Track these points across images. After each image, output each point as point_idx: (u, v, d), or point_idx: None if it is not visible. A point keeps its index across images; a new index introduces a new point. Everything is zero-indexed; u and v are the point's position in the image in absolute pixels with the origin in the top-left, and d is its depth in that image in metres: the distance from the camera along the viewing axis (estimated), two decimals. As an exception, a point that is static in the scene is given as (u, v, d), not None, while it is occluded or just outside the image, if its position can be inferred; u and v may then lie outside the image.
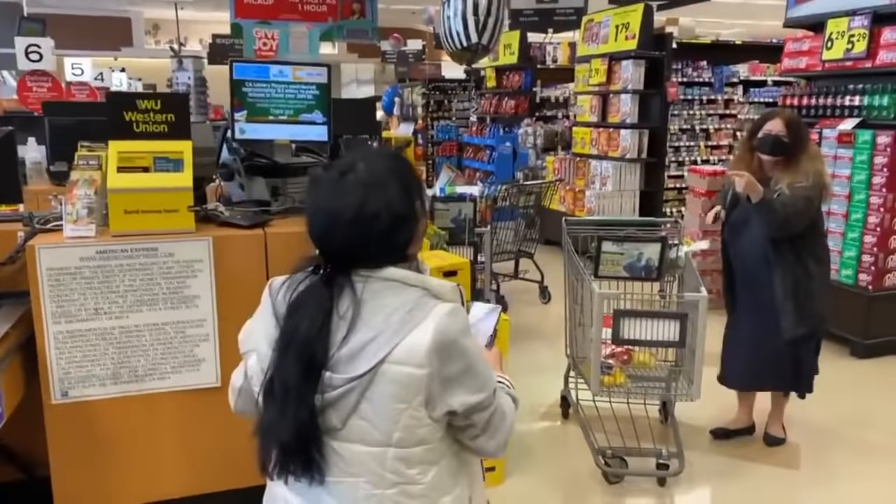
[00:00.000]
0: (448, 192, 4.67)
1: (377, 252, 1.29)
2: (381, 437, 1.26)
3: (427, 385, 1.25)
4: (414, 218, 1.34)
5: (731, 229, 3.27)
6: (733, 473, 3.20)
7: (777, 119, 3.08)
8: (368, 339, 1.25)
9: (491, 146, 9.90)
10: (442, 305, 1.29)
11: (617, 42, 7.21)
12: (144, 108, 2.53)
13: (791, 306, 3.06)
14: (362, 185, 1.29)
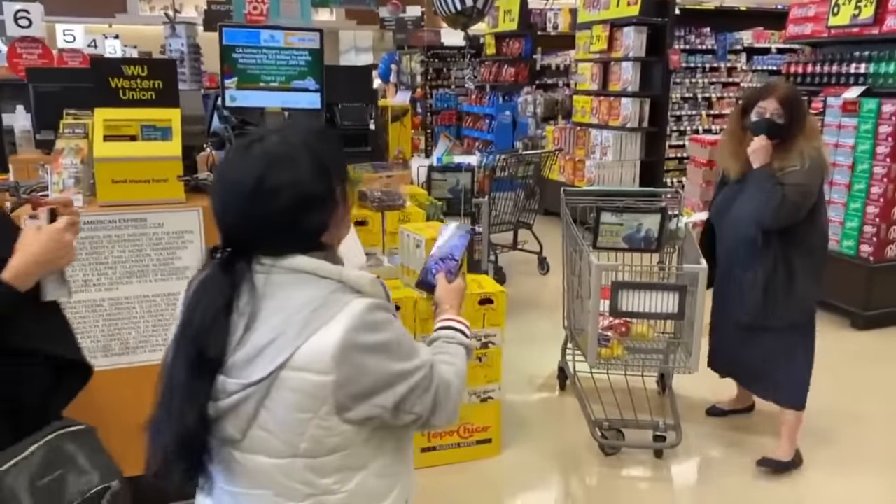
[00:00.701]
0: (445, 162, 4.60)
1: (280, 236, 1.15)
2: (285, 448, 1.14)
3: (334, 393, 1.11)
4: (330, 202, 1.18)
5: (717, 210, 3.06)
6: (731, 445, 3.19)
7: (772, 98, 2.79)
8: (267, 342, 1.11)
9: (490, 115, 9.78)
10: (357, 301, 1.14)
11: (619, 8, 7.06)
12: (131, 75, 2.46)
13: (759, 297, 2.84)
14: (267, 156, 1.15)
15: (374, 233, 3.13)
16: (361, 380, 1.13)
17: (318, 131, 1.28)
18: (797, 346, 2.94)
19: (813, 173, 2.76)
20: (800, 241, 2.83)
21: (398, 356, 1.17)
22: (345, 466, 1.18)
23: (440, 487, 2.88)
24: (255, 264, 1.15)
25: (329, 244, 1.22)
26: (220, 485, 1.21)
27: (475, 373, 2.97)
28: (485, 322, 2.94)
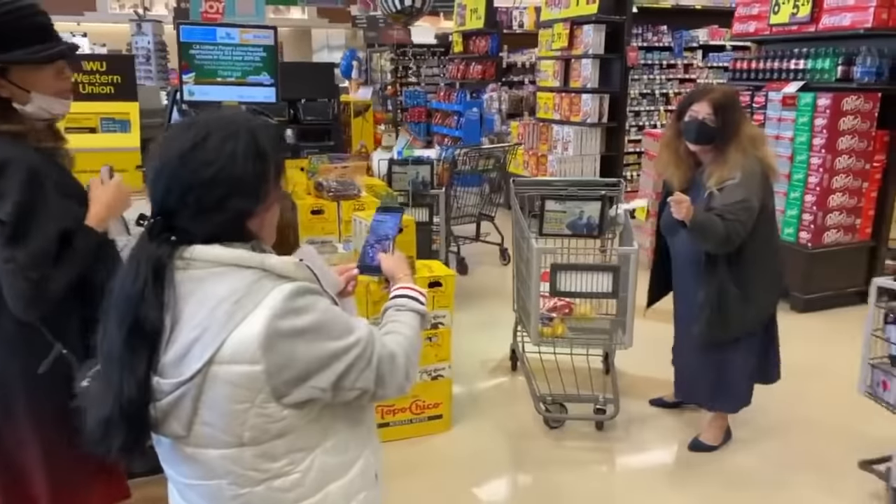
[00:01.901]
0: (405, 155, 4.76)
1: (204, 211, 1.13)
2: (230, 439, 1.15)
3: (267, 381, 1.12)
4: (261, 190, 1.18)
5: (665, 225, 2.98)
6: (674, 417, 3.39)
7: (704, 101, 2.72)
8: (193, 338, 1.11)
9: (458, 112, 9.95)
10: (281, 287, 1.14)
11: (578, 6, 7.26)
12: (90, 70, 2.59)
13: (707, 313, 2.81)
14: (209, 125, 1.16)
15: (330, 221, 3.28)
16: (293, 365, 1.13)
17: (266, 123, 1.27)
18: (751, 353, 2.95)
19: (751, 184, 2.68)
20: (749, 256, 2.78)
21: (329, 336, 1.17)
22: (294, 449, 1.19)
23: (392, 461, 3.02)
24: (176, 259, 1.14)
25: (255, 235, 1.21)
26: (180, 479, 1.24)
27: (426, 352, 3.13)
28: (434, 304, 3.11)
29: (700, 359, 2.99)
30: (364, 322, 1.27)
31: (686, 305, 3.02)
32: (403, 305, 1.42)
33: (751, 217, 2.69)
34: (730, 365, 2.95)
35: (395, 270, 1.52)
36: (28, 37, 1.59)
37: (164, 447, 1.21)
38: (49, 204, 1.62)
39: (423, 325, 1.44)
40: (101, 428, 1.13)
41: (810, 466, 3.03)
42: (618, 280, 2.98)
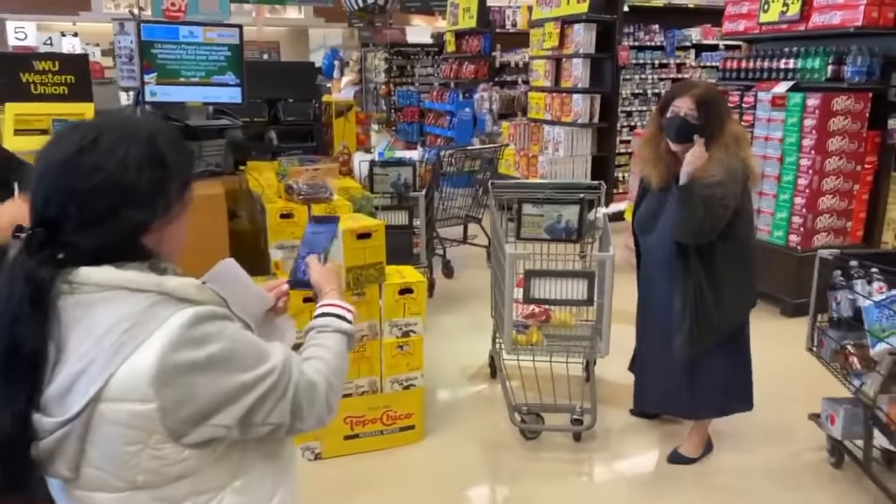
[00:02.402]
0: (387, 157, 4.67)
1: (91, 223, 1.02)
2: (122, 483, 1.03)
3: (161, 420, 1.00)
4: (159, 202, 1.07)
5: (640, 224, 2.93)
6: (654, 427, 3.29)
7: (686, 96, 2.63)
8: (78, 372, 0.99)
9: (451, 112, 9.86)
10: (178, 315, 1.02)
11: (569, 5, 7.17)
12: (42, 70, 2.50)
13: (687, 324, 2.71)
14: (99, 127, 1.06)
15: (301, 225, 3.17)
16: (192, 402, 1.02)
17: (171, 128, 1.18)
18: (730, 357, 2.87)
19: (731, 182, 2.60)
20: (724, 257, 2.70)
21: (236, 367, 1.06)
22: (197, 491, 1.08)
23: (363, 474, 2.95)
24: (61, 283, 1.02)
25: (152, 253, 1.10)
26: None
27: (397, 361, 3.04)
28: (405, 311, 3.02)
29: (674, 366, 2.87)
30: (280, 347, 1.16)
31: (657, 310, 2.91)
32: (327, 326, 1.30)
33: (725, 214, 2.61)
34: (706, 370, 2.86)
35: (323, 283, 1.40)
36: None
37: (55, 487, 1.10)
38: None
39: (350, 347, 1.33)
40: None
41: (795, 480, 2.93)
42: (593, 287, 2.89)
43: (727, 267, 2.73)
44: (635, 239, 3.06)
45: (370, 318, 2.95)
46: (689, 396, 2.91)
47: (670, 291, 2.78)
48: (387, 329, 2.99)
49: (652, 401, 3.16)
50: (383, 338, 2.99)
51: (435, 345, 4.24)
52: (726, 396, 2.93)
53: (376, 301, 2.95)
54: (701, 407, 2.96)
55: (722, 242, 2.69)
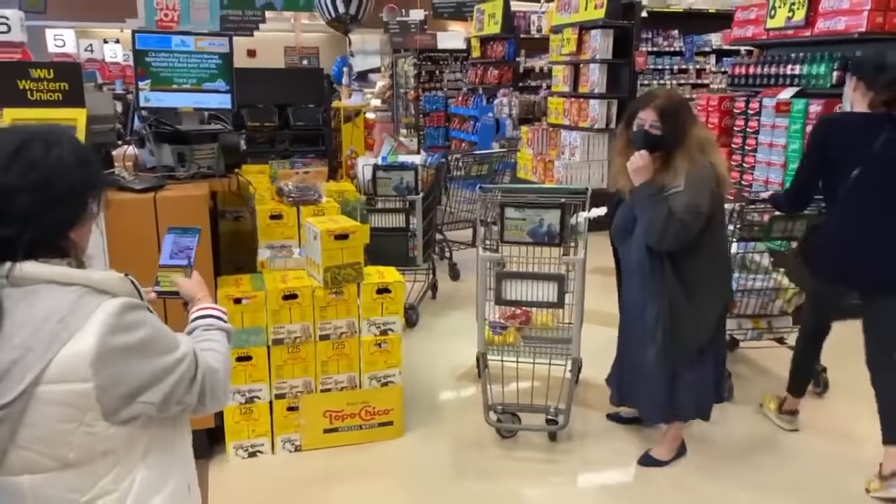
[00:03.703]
0: (390, 161, 4.78)
1: (22, 219, 1.11)
2: (52, 463, 1.13)
3: (98, 397, 1.12)
4: (81, 201, 1.19)
5: (615, 232, 2.98)
6: (630, 432, 3.32)
7: (649, 108, 2.66)
8: (13, 360, 1.08)
9: (475, 116, 9.95)
10: (107, 304, 1.14)
11: (587, 11, 7.20)
12: (38, 77, 2.68)
13: (660, 333, 2.72)
14: (32, 134, 1.17)
15: (290, 226, 3.30)
16: (126, 381, 1.14)
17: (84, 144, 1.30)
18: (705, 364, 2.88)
19: (699, 189, 2.62)
20: (697, 266, 2.72)
21: (160, 351, 1.19)
22: (117, 465, 1.19)
23: (340, 466, 3.06)
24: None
25: (73, 248, 1.20)
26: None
27: (375, 358, 3.14)
28: (383, 310, 3.11)
29: (652, 375, 2.89)
30: (187, 338, 1.31)
31: (634, 318, 2.94)
32: (211, 325, 1.43)
33: (697, 220, 2.63)
34: (682, 378, 2.87)
35: (195, 292, 1.52)
36: None
37: None
38: None
39: (230, 342, 1.45)
40: None
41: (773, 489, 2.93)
42: (563, 289, 2.94)
43: (701, 274, 2.75)
44: (613, 248, 3.11)
45: (349, 315, 3.06)
46: (667, 403, 2.92)
47: (644, 301, 2.81)
48: (365, 327, 3.09)
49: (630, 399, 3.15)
50: (361, 335, 3.10)
51: (428, 345, 4.36)
52: (701, 398, 2.94)
53: (354, 300, 3.06)
54: (678, 412, 2.98)
55: (695, 249, 2.71)
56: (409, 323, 4.58)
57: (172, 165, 3.14)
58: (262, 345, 2.96)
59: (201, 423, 2.92)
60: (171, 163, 3.14)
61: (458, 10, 12.77)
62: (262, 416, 3.04)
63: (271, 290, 2.95)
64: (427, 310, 4.90)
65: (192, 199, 2.83)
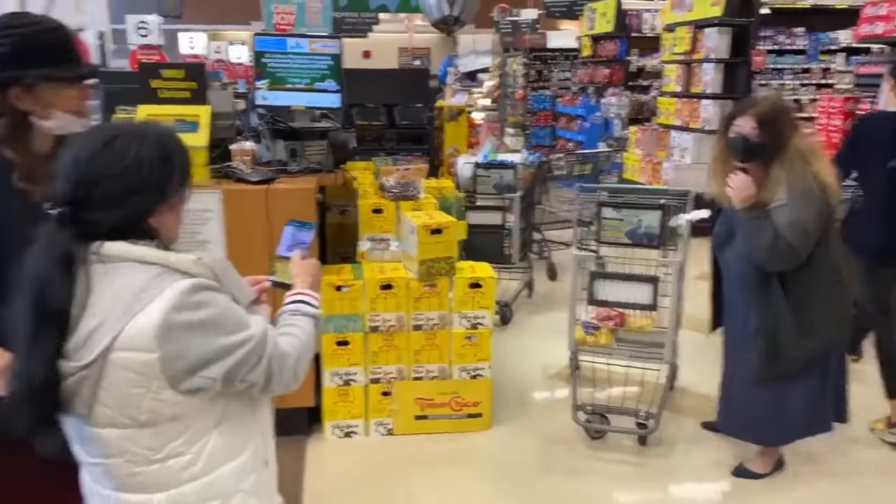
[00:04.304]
0: (490, 159, 4.85)
1: (108, 205, 1.23)
2: (128, 420, 1.25)
3: (162, 368, 1.22)
4: (164, 191, 1.29)
5: (718, 241, 2.89)
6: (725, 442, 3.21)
7: (747, 115, 2.58)
8: (93, 327, 1.21)
9: (582, 116, 9.83)
10: (179, 283, 1.24)
11: (703, 9, 6.96)
12: (169, 77, 2.94)
13: (762, 346, 2.63)
14: (119, 129, 1.28)
15: (389, 220, 3.44)
16: (186, 355, 1.23)
17: (173, 133, 1.39)
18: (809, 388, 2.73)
19: (805, 204, 2.50)
20: (808, 281, 2.59)
21: (223, 331, 1.27)
22: (188, 431, 1.29)
23: (430, 452, 3.17)
24: (86, 254, 1.23)
25: (157, 234, 1.31)
26: (85, 457, 1.33)
27: (466, 351, 3.23)
28: (474, 304, 3.19)
29: (751, 389, 2.79)
30: (261, 321, 1.37)
31: (735, 329, 2.86)
32: (297, 310, 1.51)
33: (806, 241, 2.53)
34: (784, 400, 2.74)
35: (298, 275, 1.60)
36: (56, 55, 1.67)
37: (72, 426, 1.31)
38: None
39: (317, 327, 1.52)
40: (16, 400, 1.23)
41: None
42: (657, 291, 2.91)
43: (811, 291, 2.63)
44: (714, 255, 3.04)
45: (441, 308, 3.16)
46: (770, 423, 2.82)
47: (746, 310, 2.72)
48: (456, 320, 3.18)
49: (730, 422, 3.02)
50: (452, 328, 3.19)
51: (521, 343, 4.40)
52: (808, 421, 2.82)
53: (447, 293, 3.15)
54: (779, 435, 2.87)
55: (806, 264, 2.59)
56: (503, 320, 4.63)
57: (285, 160, 3.35)
58: (360, 331, 3.12)
59: (301, 401, 3.11)
60: (283, 157, 3.35)
61: (571, 9, 12.64)
62: (357, 399, 3.20)
63: (369, 279, 3.09)
64: (522, 308, 4.94)
65: (301, 192, 3.01)
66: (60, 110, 1.69)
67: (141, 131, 1.32)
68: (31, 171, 1.64)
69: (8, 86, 1.62)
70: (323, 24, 3.35)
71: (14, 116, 1.65)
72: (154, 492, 1.31)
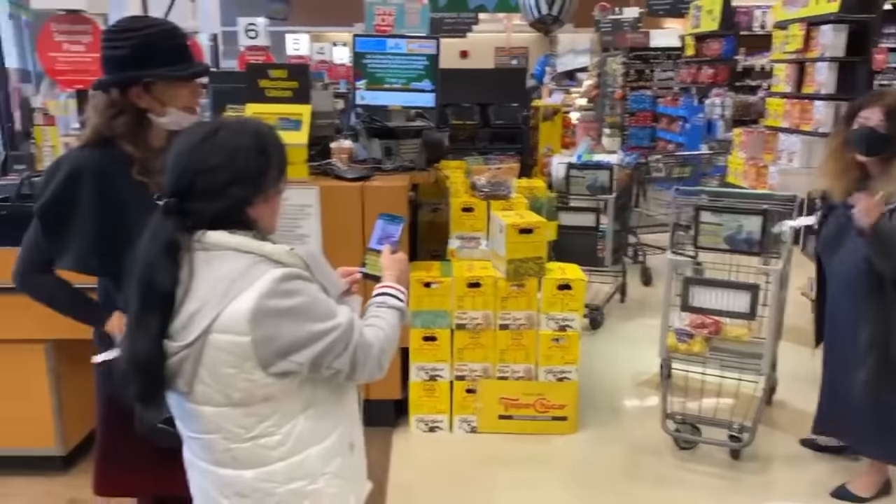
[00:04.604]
0: (585, 160, 4.79)
1: (209, 195, 1.31)
2: (223, 399, 1.32)
3: (254, 351, 1.29)
4: (260, 183, 1.36)
5: (824, 243, 2.77)
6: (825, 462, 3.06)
7: (876, 106, 2.47)
8: (195, 310, 1.29)
9: (684, 117, 9.52)
10: (273, 271, 1.30)
11: (818, 5, 6.59)
12: (275, 77, 3.08)
13: (874, 359, 2.51)
14: (218, 123, 1.38)
15: (480, 219, 3.46)
16: (276, 340, 1.30)
17: (271, 130, 1.45)
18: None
19: None
20: None
21: (311, 318, 1.33)
22: (277, 412, 1.36)
23: (513, 452, 3.17)
24: (190, 241, 1.32)
25: (255, 223, 1.38)
26: (186, 432, 1.44)
27: (552, 353, 3.21)
28: (563, 307, 3.16)
29: (862, 401, 2.64)
30: (347, 311, 1.43)
31: (842, 338, 2.70)
32: (383, 303, 1.56)
33: None
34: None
35: (386, 268, 1.65)
36: (172, 56, 1.79)
37: (174, 402, 1.41)
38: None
39: (402, 320, 1.57)
40: (122, 376, 1.33)
41: None
42: (756, 300, 2.79)
43: None
44: (818, 261, 2.88)
45: (528, 308, 3.15)
46: (879, 436, 2.66)
47: (857, 320, 2.58)
48: (543, 321, 3.17)
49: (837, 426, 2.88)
50: (540, 329, 3.17)
51: (611, 348, 4.32)
52: None
53: (535, 293, 3.14)
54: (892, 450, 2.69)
55: None
56: (593, 324, 4.57)
57: (380, 158, 3.44)
58: (447, 327, 3.16)
59: (389, 393, 3.19)
60: (379, 156, 3.44)
61: (675, 7, 12.26)
62: (442, 395, 3.24)
63: (457, 277, 3.13)
64: (614, 313, 4.85)
65: (394, 190, 3.09)
66: (175, 107, 1.83)
67: (240, 126, 1.39)
68: (147, 165, 1.79)
69: (128, 86, 1.77)
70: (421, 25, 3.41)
71: (133, 114, 1.80)
72: (245, 468, 1.38)
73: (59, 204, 1.76)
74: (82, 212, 1.76)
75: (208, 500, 1.45)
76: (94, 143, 1.80)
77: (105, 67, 1.79)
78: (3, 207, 2.79)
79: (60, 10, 3.80)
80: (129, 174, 1.78)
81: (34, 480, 2.90)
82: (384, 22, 3.38)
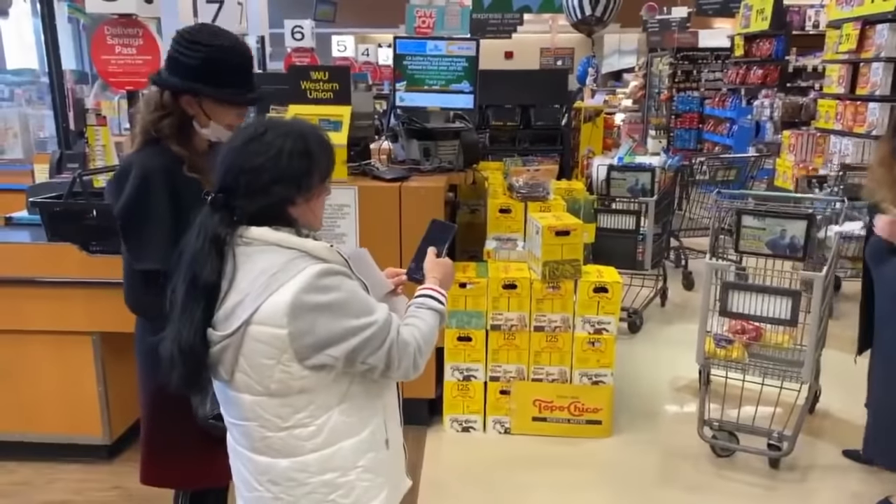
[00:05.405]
0: (626, 162, 4.74)
1: (254, 192, 1.35)
2: (260, 388, 1.37)
3: (290, 343, 1.32)
4: (304, 182, 1.39)
5: (871, 252, 2.71)
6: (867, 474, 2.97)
7: None
8: (237, 302, 1.34)
9: (731, 119, 9.34)
10: (313, 266, 1.33)
11: (874, 3, 6.38)
12: (316, 79, 3.13)
13: None
14: (266, 124, 1.41)
15: (517, 220, 3.47)
16: (312, 333, 1.33)
17: (319, 132, 1.47)
18: None
19: None
20: None
21: (348, 314, 1.36)
22: (313, 404, 1.39)
23: (546, 454, 3.17)
24: (236, 236, 1.37)
25: (296, 222, 1.41)
26: (228, 418, 1.48)
27: (588, 356, 3.19)
28: (599, 309, 3.14)
29: None
30: (385, 308, 1.44)
31: (888, 350, 2.63)
32: (423, 304, 1.57)
33: None
34: None
35: (430, 271, 1.67)
36: (234, 78, 1.84)
37: (218, 389, 1.47)
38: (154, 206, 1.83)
39: (441, 322, 1.58)
40: (167, 362, 1.38)
41: None
42: (798, 306, 2.73)
43: None
44: (866, 269, 2.81)
45: (564, 310, 3.14)
46: None
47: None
48: (579, 324, 3.15)
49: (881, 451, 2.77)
50: (575, 331, 3.16)
51: (649, 352, 4.27)
52: None
53: (571, 295, 3.13)
54: None
55: None
56: (631, 328, 4.52)
57: (418, 159, 3.47)
58: (481, 328, 3.17)
59: (423, 392, 3.22)
60: (417, 156, 3.47)
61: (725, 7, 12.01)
62: (476, 395, 3.25)
63: (493, 278, 3.13)
64: (653, 317, 4.79)
65: (431, 190, 3.11)
66: (218, 123, 1.89)
67: (287, 127, 1.42)
68: (194, 164, 1.87)
69: (183, 92, 1.83)
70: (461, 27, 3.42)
71: (180, 117, 1.87)
72: (280, 457, 1.42)
73: (139, 203, 1.83)
74: (159, 210, 1.83)
75: (248, 487, 1.49)
76: (148, 145, 1.87)
77: (169, 67, 1.84)
78: (56, 204, 2.91)
79: (113, 13, 3.93)
80: (182, 171, 1.85)
81: (79, 468, 3.02)
82: (424, 24, 3.41)
